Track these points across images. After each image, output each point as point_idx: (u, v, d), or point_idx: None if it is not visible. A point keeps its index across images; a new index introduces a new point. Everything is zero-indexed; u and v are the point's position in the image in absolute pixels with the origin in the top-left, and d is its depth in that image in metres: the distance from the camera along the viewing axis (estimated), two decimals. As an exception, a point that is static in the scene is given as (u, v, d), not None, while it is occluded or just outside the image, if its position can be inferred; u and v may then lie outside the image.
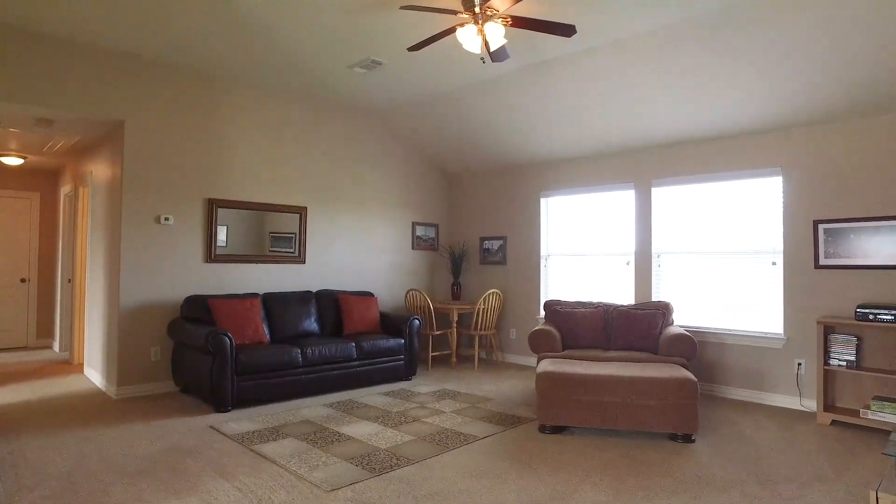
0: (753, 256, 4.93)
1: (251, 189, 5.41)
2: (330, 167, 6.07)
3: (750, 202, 4.96)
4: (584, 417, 3.84)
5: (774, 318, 4.81)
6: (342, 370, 5.03)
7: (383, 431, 3.87)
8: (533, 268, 6.60)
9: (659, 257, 5.52)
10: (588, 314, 5.02)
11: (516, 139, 6.17)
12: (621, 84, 4.81)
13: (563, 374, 3.89)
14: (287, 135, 5.68)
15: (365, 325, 5.62)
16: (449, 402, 4.74)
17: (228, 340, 4.27)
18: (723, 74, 4.36)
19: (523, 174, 6.75)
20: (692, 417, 3.71)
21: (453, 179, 7.56)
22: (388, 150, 6.69)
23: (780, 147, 4.77)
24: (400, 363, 5.52)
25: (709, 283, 5.18)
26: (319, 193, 5.97)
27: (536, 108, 5.47)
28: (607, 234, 5.95)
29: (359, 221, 6.37)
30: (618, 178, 5.84)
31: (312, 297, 5.53)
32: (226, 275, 5.23)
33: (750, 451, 3.59)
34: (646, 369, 3.97)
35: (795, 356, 4.66)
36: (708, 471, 3.22)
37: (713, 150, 5.15)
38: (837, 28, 3.67)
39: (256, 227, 5.43)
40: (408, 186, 6.93)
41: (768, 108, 4.56)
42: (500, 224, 7.00)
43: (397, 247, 6.79)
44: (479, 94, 5.52)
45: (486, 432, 3.89)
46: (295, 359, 4.66)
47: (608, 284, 5.92)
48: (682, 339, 4.48)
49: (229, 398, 4.27)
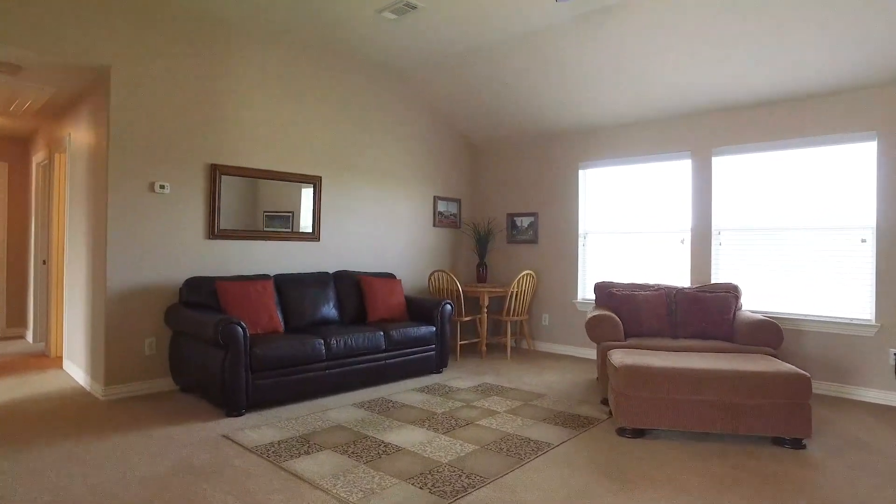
0: (837, 232, 4.35)
1: (260, 155, 4.66)
2: (348, 133, 5.33)
3: (834, 172, 4.37)
4: (675, 419, 3.24)
5: (863, 303, 4.25)
6: (370, 363, 4.36)
7: (436, 439, 3.23)
8: (570, 247, 5.96)
9: (720, 234, 4.92)
10: (650, 298, 4.42)
11: (553, 103, 5.48)
12: (686, 37, 4.14)
13: (651, 368, 3.27)
14: (300, 93, 4.92)
15: (390, 311, 4.94)
16: (497, 399, 4.11)
17: (242, 330, 3.57)
18: (808, 22, 3.72)
19: (559, 143, 6.08)
20: (805, 420, 3.13)
21: (478, 150, 6.86)
22: (411, 116, 5.96)
23: (877, 108, 4.17)
24: (431, 354, 4.87)
25: (781, 263, 4.60)
26: (336, 162, 5.24)
27: (580, 66, 4.78)
28: (657, 210, 5.33)
29: (378, 194, 5.65)
30: (671, 146, 5.21)
31: (330, 280, 4.83)
32: (231, 253, 4.50)
33: (878, 460, 3.02)
34: (740, 362, 3.37)
35: (890, 345, 4.11)
36: (849, 489, 2.65)
37: (790, 114, 4.54)
38: None
39: (265, 199, 4.69)
40: (430, 157, 6.22)
41: (861, 61, 3.94)
42: (530, 199, 6.34)
43: (418, 223, 6.10)
44: (516, 49, 4.82)
45: (557, 438, 3.27)
46: (318, 351, 3.98)
47: (659, 265, 5.32)
48: (765, 325, 3.90)
49: (243, 399, 3.58)
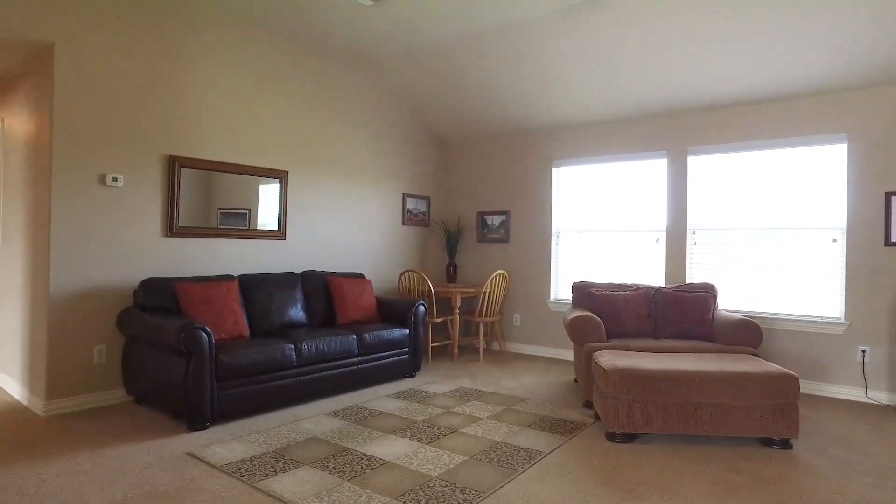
0: (809, 233, 4.41)
1: (223, 147, 4.33)
2: (315, 125, 5.05)
3: (806, 172, 4.44)
4: (666, 422, 3.17)
5: (833, 302, 4.33)
6: (342, 369, 4.11)
7: (422, 450, 3.03)
8: (542, 246, 5.88)
9: (695, 234, 4.94)
10: (630, 298, 4.36)
11: (527, 99, 5.38)
12: (660, 36, 4.12)
13: (643, 371, 3.18)
14: (266, 81, 4.61)
15: (361, 313, 4.71)
16: (477, 404, 3.95)
17: (207, 336, 3.27)
18: (777, 26, 3.77)
19: (532, 140, 5.98)
20: (793, 420, 3.11)
21: (447, 146, 6.68)
22: (381, 109, 5.72)
23: (847, 110, 4.25)
24: (405, 357, 4.66)
25: (754, 263, 4.64)
26: (303, 156, 4.94)
27: (556, 62, 4.69)
28: (632, 209, 5.31)
29: (347, 190, 5.39)
30: (647, 145, 5.19)
31: (298, 280, 4.54)
32: (191, 252, 4.16)
33: (864, 459, 3.03)
34: (728, 363, 3.34)
35: (858, 343, 4.20)
36: (844, 490, 2.62)
37: (765, 114, 4.58)
38: None
39: (220, 195, 4.36)
40: (399, 153, 6.00)
41: (834, 64, 4.01)
42: (502, 197, 6.21)
43: (387, 222, 5.87)
44: (492, 43, 4.68)
45: (547, 445, 3.14)
46: (288, 357, 3.71)
47: (633, 264, 5.29)
48: (746, 325, 3.90)
49: (208, 411, 3.28)
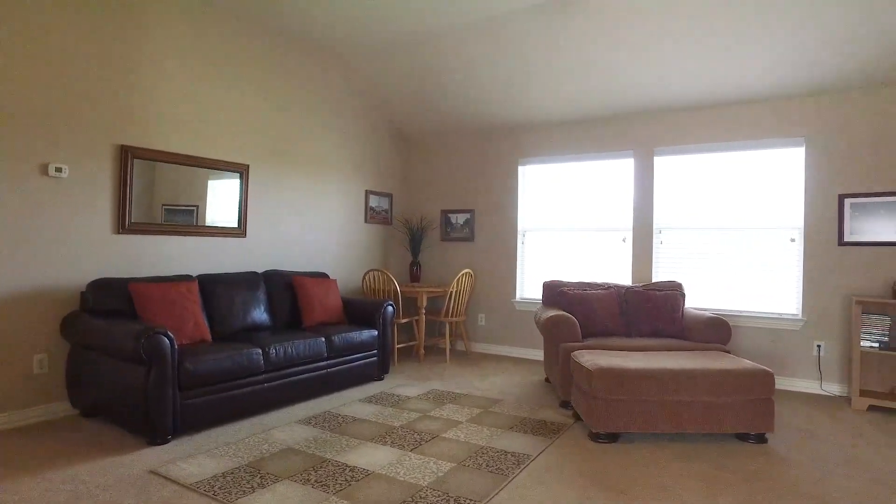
0: (769, 233, 4.57)
1: (180, 138, 4.02)
2: (278, 117, 4.79)
3: (766, 174, 4.59)
4: (649, 421, 3.17)
5: (791, 299, 4.50)
6: (311, 373, 3.91)
7: (405, 458, 2.90)
8: (508, 245, 5.84)
9: (661, 233, 5.03)
10: (602, 297, 4.38)
11: (494, 97, 5.32)
12: (627, 39, 4.18)
13: (627, 370, 3.17)
14: (226, 72, 4.32)
15: (327, 314, 4.51)
16: (453, 407, 3.85)
17: (169, 342, 3.00)
18: (742, 32, 3.91)
19: (498, 138, 5.93)
20: (769, 415, 3.19)
21: (411, 143, 6.54)
22: (344, 102, 5.51)
23: (804, 116, 4.43)
24: (373, 360, 4.50)
25: (718, 262, 4.77)
26: (265, 149, 4.68)
27: (526, 60, 4.66)
28: (599, 208, 5.35)
29: (310, 187, 5.16)
30: (614, 145, 5.24)
31: (260, 280, 4.29)
32: (145, 250, 3.84)
33: (833, 449, 3.14)
34: (706, 360, 3.39)
35: (814, 338, 4.39)
36: (826, 481, 2.69)
37: (727, 117, 4.71)
38: None
39: (174, 189, 4.06)
40: (362, 148, 5.81)
41: (792, 71, 4.17)
42: (467, 195, 6.14)
43: (350, 219, 5.67)
44: (461, 39, 4.59)
45: (532, 448, 3.07)
46: (256, 362, 3.48)
47: (600, 263, 5.34)
48: (716, 323, 3.98)
49: (170, 423, 3.01)
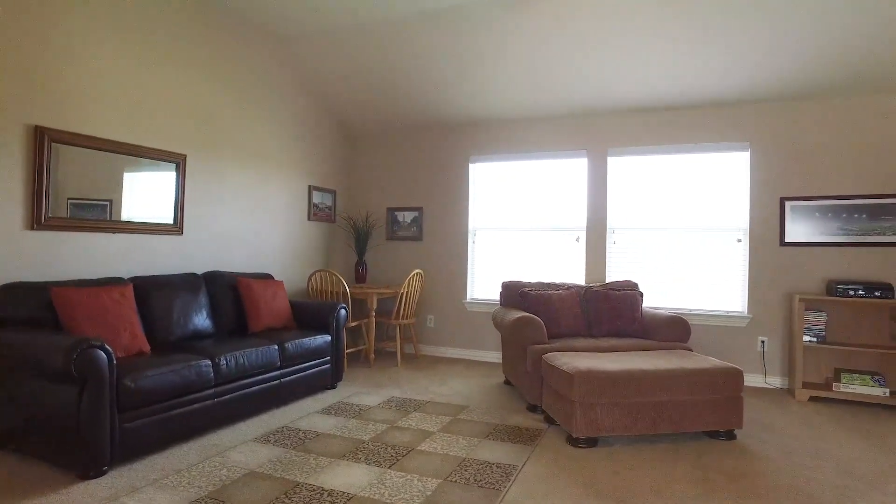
0: (717, 233, 4.74)
1: (106, 121, 3.51)
2: (217, 104, 4.34)
3: (715, 177, 4.76)
4: (629, 423, 3.14)
5: (738, 297, 4.69)
6: (264, 384, 3.56)
7: (386, 476, 2.66)
8: (458, 244, 5.69)
9: (614, 233, 5.08)
10: (564, 297, 4.33)
11: (445, 92, 5.15)
12: (583, 39, 4.20)
13: (608, 372, 3.12)
14: (160, 48, 3.83)
15: (275, 318, 4.14)
16: (419, 416, 3.64)
17: (107, 356, 2.58)
18: (692, 40, 4.04)
19: (448, 135, 5.77)
20: (738, 412, 3.25)
21: (355, 137, 6.22)
22: (287, 93, 5.12)
23: (750, 121, 4.63)
24: (326, 367, 4.19)
25: (669, 261, 4.89)
26: (203, 138, 4.22)
27: (479, 55, 4.54)
28: (552, 207, 5.33)
29: (252, 181, 4.74)
30: (568, 144, 5.24)
31: (201, 283, 3.86)
32: (66, 249, 3.31)
33: (795, 442, 3.25)
34: (677, 360, 3.41)
35: (759, 334, 4.60)
36: (802, 474, 2.76)
37: (678, 120, 4.84)
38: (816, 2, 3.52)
39: (80, 181, 3.54)
40: (306, 141, 5.44)
41: (739, 79, 4.34)
42: (414, 193, 5.92)
43: (293, 216, 5.29)
44: (412, 31, 4.39)
45: (515, 457, 2.94)
46: (205, 376, 3.09)
47: (553, 263, 5.32)
48: (676, 321, 4.06)
49: (107, 451, 2.59)
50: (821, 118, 4.43)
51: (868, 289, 4.07)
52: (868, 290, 4.07)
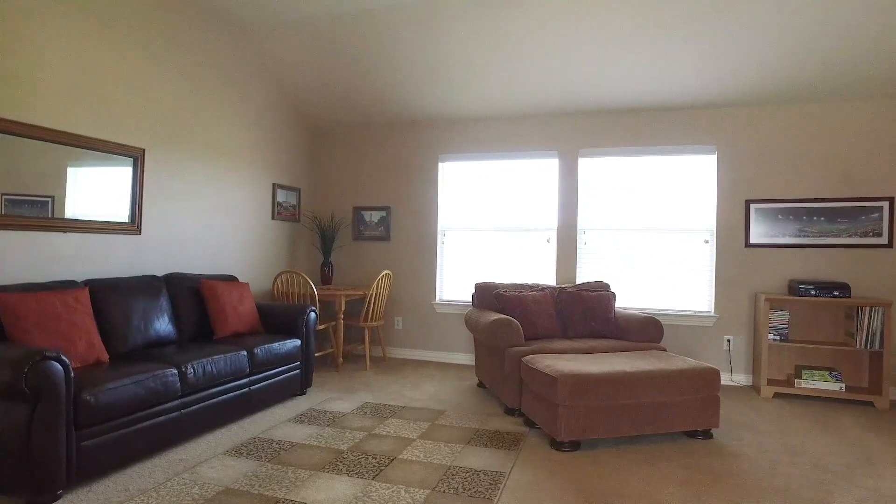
0: (686, 234, 4.83)
1: (56, 109, 3.22)
2: (179, 96, 4.08)
3: (684, 179, 4.85)
4: (613, 425, 3.13)
5: (705, 297, 4.79)
6: (233, 392, 3.37)
7: (371, 488, 2.55)
8: (427, 244, 5.60)
9: (585, 234, 5.10)
10: (539, 298, 4.31)
11: (413, 88, 5.05)
12: (557, 39, 4.20)
13: (592, 375, 3.09)
14: (116, 31, 3.56)
15: (241, 323, 3.94)
16: (396, 422, 3.53)
17: (63, 368, 2.35)
18: (664, 44, 4.11)
19: (418, 133, 5.66)
20: (715, 411, 3.30)
21: (321, 134, 6.02)
22: (251, 87, 4.88)
23: (717, 125, 4.73)
24: (296, 373, 4.02)
25: (638, 262, 4.95)
26: (163, 132, 3.96)
27: (452, 52, 4.47)
28: (522, 208, 5.31)
29: (215, 178, 4.49)
30: (540, 144, 5.23)
31: (162, 285, 3.62)
32: (9, 249, 3.02)
33: (769, 439, 3.32)
34: (657, 361, 3.43)
35: (725, 333, 4.71)
36: (780, 470, 2.81)
37: (649, 122, 4.90)
38: (784, 10, 3.64)
39: (17, 174, 3.26)
40: (270, 137, 5.21)
41: (707, 84, 4.44)
42: (382, 192, 5.79)
43: (257, 215, 5.06)
44: (377, 23, 4.27)
45: (501, 463, 2.88)
46: (171, 386, 2.89)
47: (524, 263, 5.30)
48: (650, 322, 4.10)
49: (63, 473, 2.36)
50: (783, 123, 4.58)
51: (827, 288, 4.23)
52: (827, 289, 4.23)
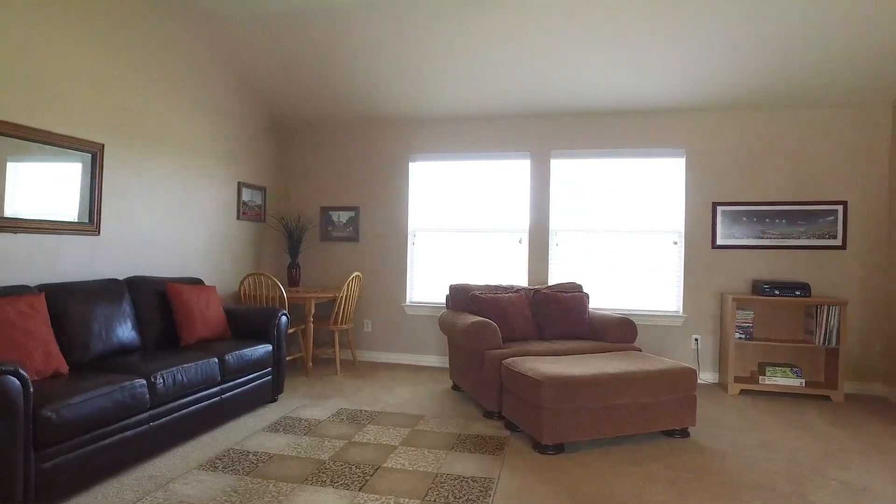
0: (655, 236, 4.93)
1: (11, 101, 2.98)
2: (141, 90, 3.85)
3: (654, 181, 4.94)
4: (595, 427, 3.13)
5: (674, 297, 4.90)
6: (204, 402, 3.20)
7: (358, 500, 2.45)
8: (397, 245, 5.50)
9: (556, 235, 5.13)
10: (514, 300, 4.30)
11: (384, 86, 4.94)
12: (525, 41, 4.21)
13: (577, 377, 3.09)
14: (72, 19, 3.32)
15: (209, 328, 3.75)
16: (375, 428, 3.44)
17: (21, 384, 2.16)
18: (636, 49, 4.19)
19: (388, 132, 5.56)
20: (692, 410, 3.37)
21: (287, 132, 5.82)
22: (216, 81, 4.67)
23: (685, 129, 4.84)
24: (268, 380, 3.87)
25: (609, 263, 5.02)
26: (125, 127, 3.72)
27: (419, 48, 4.39)
28: (494, 208, 5.29)
29: (178, 176, 4.26)
30: (512, 145, 5.22)
31: (124, 290, 3.40)
32: (-47, 253, 2.77)
33: (742, 436, 3.41)
34: (636, 361, 3.47)
35: (693, 332, 4.83)
36: (758, 467, 2.89)
37: (620, 125, 4.97)
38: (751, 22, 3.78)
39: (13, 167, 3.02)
40: (235, 134, 5.00)
41: (677, 90, 4.54)
42: (351, 191, 5.65)
43: (222, 215, 4.84)
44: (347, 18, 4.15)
45: (488, 470, 2.83)
46: (140, 398, 2.70)
47: (495, 264, 5.28)
48: (624, 323, 4.15)
49: (20, 498, 2.17)
50: (748, 129, 4.73)
51: (789, 288, 4.39)
52: (789, 289, 4.39)
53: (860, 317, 4.54)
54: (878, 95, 4.40)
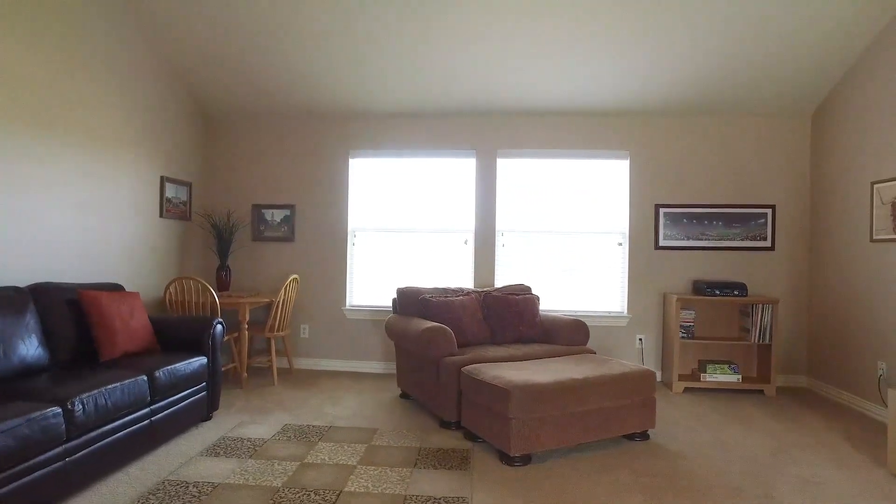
0: (601, 237, 4.96)
1: None
2: (45, 72, 3.32)
3: (599, 183, 4.97)
4: (562, 435, 3.05)
5: (619, 298, 4.95)
6: (132, 427, 2.79)
7: (325, 532, 2.20)
8: (336, 246, 5.20)
9: (503, 235, 5.04)
10: (466, 304, 4.15)
11: (322, 78, 4.63)
12: (469, 36, 4.13)
13: (542, 385, 2.98)
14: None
15: (133, 341, 3.31)
16: (328, 446, 3.17)
17: None
18: (583, 50, 4.21)
19: (326, 126, 5.23)
20: (652, 413, 3.37)
21: (215, 123, 5.33)
22: (134, 64, 4.15)
23: (630, 132, 4.90)
24: (202, 396, 3.48)
25: (555, 264, 4.99)
26: (22, 113, 3.19)
27: (359, 39, 4.16)
28: (439, 208, 5.12)
29: (90, 168, 3.74)
30: (457, 143, 5.07)
31: (27, 299, 2.91)
32: None
33: (699, 436, 3.46)
34: (597, 366, 3.42)
35: (637, 332, 4.90)
36: (720, 468, 2.91)
37: (567, 126, 4.95)
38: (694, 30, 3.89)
39: None
40: (157, 124, 4.50)
41: (622, 93, 4.60)
42: (286, 189, 5.28)
43: (142, 213, 4.34)
44: (282, 3, 3.88)
45: (457, 487, 2.66)
46: (55, 429, 2.29)
47: (440, 266, 5.12)
48: (577, 325, 4.12)
49: None
50: (689, 133, 4.86)
51: (728, 288, 4.56)
52: (728, 289, 4.56)
53: (787, 314, 4.79)
54: (799, 105, 4.66)
